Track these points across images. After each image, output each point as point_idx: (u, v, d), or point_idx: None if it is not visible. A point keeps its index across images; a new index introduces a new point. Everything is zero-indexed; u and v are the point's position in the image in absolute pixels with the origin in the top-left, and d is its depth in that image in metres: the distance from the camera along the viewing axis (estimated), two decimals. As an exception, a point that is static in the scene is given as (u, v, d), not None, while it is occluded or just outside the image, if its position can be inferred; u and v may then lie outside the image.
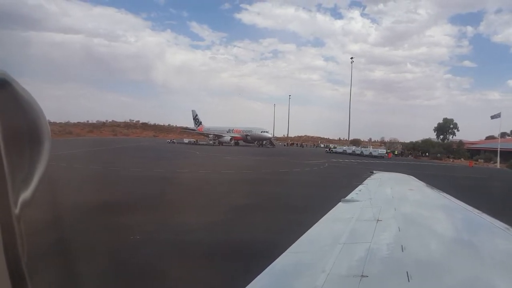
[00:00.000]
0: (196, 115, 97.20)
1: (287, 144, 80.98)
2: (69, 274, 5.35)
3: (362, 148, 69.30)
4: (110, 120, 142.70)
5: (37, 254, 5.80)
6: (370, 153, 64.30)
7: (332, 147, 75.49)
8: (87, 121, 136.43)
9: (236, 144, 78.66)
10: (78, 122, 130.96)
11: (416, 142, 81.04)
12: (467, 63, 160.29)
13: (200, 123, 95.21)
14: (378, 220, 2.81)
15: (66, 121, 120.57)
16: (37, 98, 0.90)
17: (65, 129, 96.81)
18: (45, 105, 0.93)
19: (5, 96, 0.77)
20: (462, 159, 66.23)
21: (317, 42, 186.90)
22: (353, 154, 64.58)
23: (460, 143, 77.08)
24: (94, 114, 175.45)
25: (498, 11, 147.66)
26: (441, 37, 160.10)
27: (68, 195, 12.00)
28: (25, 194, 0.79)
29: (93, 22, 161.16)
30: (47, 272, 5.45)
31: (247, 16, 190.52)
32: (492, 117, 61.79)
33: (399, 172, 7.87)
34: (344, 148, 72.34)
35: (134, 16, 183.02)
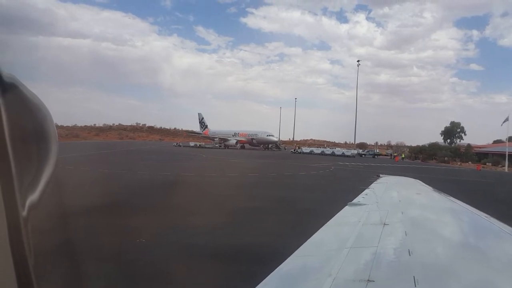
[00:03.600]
0: (202, 118, 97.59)
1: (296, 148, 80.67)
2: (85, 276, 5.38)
3: (333, 149, 73.82)
4: (117, 124, 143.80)
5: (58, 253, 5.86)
6: (343, 153, 67.92)
7: (297, 148, 76.99)
8: (94, 124, 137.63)
9: (242, 147, 78.90)
10: (85, 126, 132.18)
11: (423, 145, 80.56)
12: (473, 66, 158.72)
13: (206, 126, 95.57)
14: (384, 224, 2.79)
15: (73, 124, 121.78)
16: (44, 101, 0.90)
17: (72, 132, 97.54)
18: (52, 109, 0.94)
19: (14, 100, 0.78)
20: (469, 162, 65.68)
21: (323, 46, 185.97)
22: (322, 154, 67.83)
23: (468, 146, 76.51)
24: (100, 118, 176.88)
25: (504, 14, 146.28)
26: (447, 40, 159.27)
27: (87, 198, 12.08)
28: (33, 197, 0.79)
29: (101, 26, 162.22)
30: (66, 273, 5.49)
31: (253, 20, 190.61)
32: (503, 123, 61.14)
33: (405, 176, 7.84)
34: (312, 149, 76.45)
35: (141, 21, 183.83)
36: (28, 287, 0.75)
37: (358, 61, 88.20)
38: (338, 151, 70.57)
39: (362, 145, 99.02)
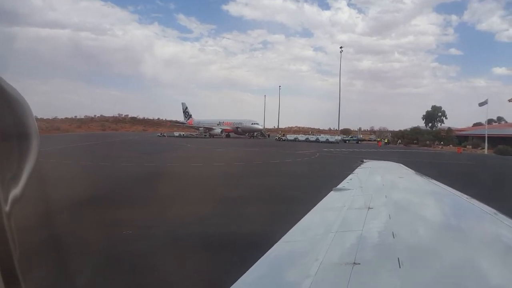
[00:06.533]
0: (186, 108, 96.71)
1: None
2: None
3: (318, 136, 74.12)
4: (99, 115, 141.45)
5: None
6: (327, 139, 68.26)
7: (281, 135, 77.34)
8: (75, 116, 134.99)
9: (227, 136, 78.81)
10: (66, 118, 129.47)
11: (405, 130, 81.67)
12: (453, 51, 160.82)
13: (190, 116, 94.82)
14: (369, 208, 2.84)
15: (54, 116, 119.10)
16: (23, 94, 0.88)
17: (52, 125, 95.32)
18: (32, 101, 0.92)
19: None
20: (450, 145, 67.02)
21: (306, 33, 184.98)
22: (307, 141, 68.21)
23: (449, 130, 77.88)
24: (82, 109, 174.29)
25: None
26: (427, 25, 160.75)
27: (70, 191, 11.89)
28: (15, 191, 0.78)
29: (80, 16, 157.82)
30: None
31: (235, 7, 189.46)
32: (480, 105, 62.44)
33: (388, 160, 7.97)
34: (296, 136, 76.52)
35: (120, 9, 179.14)
36: (13, 282, 0.74)
37: (340, 47, 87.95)
38: (322, 137, 71.02)
39: (346, 131, 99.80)
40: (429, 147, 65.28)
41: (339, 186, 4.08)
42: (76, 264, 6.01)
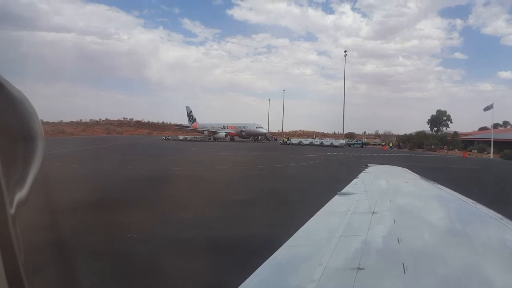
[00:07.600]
0: (191, 111, 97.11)
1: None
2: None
3: (322, 140, 73.98)
4: (104, 119, 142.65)
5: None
6: (331, 143, 68.06)
7: (286, 139, 77.56)
8: (80, 120, 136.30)
9: (232, 140, 78.91)
10: (71, 121, 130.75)
11: (410, 134, 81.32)
12: (458, 55, 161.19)
13: (195, 119, 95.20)
14: (373, 212, 2.83)
15: (59, 120, 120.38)
16: (29, 97, 0.89)
17: (58, 128, 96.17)
18: (37, 105, 0.93)
19: (-2, 97, 0.76)
20: (456, 150, 66.58)
21: (310, 37, 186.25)
22: (311, 145, 68.16)
23: (455, 134, 77.39)
24: (87, 113, 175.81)
25: (486, 3, 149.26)
26: (431, 29, 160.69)
27: (77, 195, 11.96)
28: (20, 194, 0.79)
29: (85, 20, 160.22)
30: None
31: (239, 12, 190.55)
32: (485, 109, 62.04)
33: (393, 165, 7.94)
34: (300, 140, 76.85)
35: (126, 14, 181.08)
36: (18, 285, 0.74)
37: (345, 51, 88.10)
38: (326, 141, 70.79)
39: (350, 135, 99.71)
40: (434, 152, 64.91)
41: (344, 190, 4.07)
42: (78, 266, 6.02)
